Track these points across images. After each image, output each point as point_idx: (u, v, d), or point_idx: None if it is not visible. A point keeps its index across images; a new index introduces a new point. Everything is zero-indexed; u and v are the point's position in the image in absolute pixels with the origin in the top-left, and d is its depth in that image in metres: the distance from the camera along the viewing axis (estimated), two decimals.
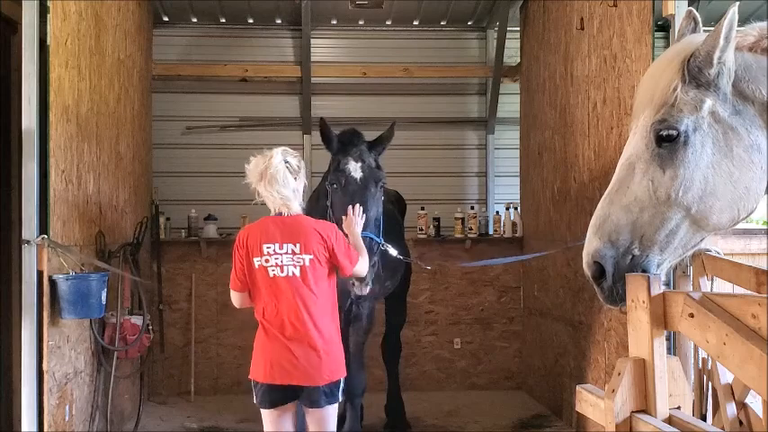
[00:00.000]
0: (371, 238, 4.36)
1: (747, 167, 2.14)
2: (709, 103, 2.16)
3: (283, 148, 3.69)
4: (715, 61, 2.13)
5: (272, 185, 3.57)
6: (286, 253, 3.57)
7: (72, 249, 4.63)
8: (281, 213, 3.64)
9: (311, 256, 3.58)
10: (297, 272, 3.57)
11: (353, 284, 4.16)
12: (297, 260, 3.57)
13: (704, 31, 2.35)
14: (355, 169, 4.55)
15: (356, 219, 4.10)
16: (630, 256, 2.30)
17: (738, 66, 2.13)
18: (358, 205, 4.20)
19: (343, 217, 4.17)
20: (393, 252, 4.63)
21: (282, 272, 3.57)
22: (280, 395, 3.62)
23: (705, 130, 2.17)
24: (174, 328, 7.32)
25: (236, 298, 3.76)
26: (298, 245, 3.58)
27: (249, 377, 3.69)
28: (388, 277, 5.34)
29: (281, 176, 3.57)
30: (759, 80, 2.12)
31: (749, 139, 2.13)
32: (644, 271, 2.32)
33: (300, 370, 3.54)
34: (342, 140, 4.72)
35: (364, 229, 4.26)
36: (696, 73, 2.17)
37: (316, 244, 3.59)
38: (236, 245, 3.70)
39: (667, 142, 2.20)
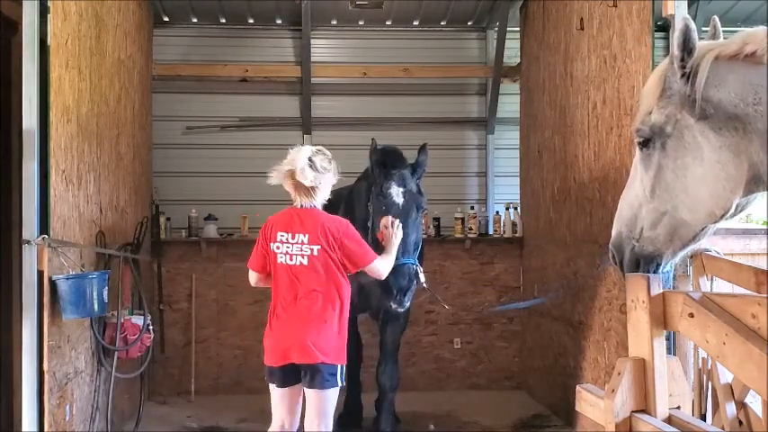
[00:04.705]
0: (411, 264, 4.48)
1: (715, 167, 2.27)
2: (673, 109, 2.33)
3: (317, 148, 3.96)
4: (677, 70, 2.30)
5: (295, 179, 3.82)
6: (296, 243, 3.84)
7: (73, 249, 4.63)
8: (302, 206, 3.90)
9: (319, 247, 3.82)
10: (305, 261, 3.83)
11: (391, 305, 4.53)
12: (305, 250, 3.82)
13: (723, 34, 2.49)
14: (398, 194, 4.61)
15: (394, 232, 4.27)
16: (632, 246, 2.48)
17: (709, 72, 2.24)
18: (397, 221, 4.33)
19: (381, 229, 4.32)
20: (422, 278, 4.69)
21: (291, 260, 3.84)
22: (283, 375, 3.88)
23: (673, 135, 2.33)
24: (174, 328, 7.32)
25: (252, 277, 4.10)
26: (307, 235, 3.83)
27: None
28: None
29: (304, 173, 3.80)
30: (729, 84, 2.23)
31: (718, 140, 2.26)
32: (645, 261, 2.46)
33: (298, 349, 3.78)
34: (384, 162, 4.75)
35: (404, 254, 4.48)
36: (668, 82, 2.34)
37: (324, 236, 3.82)
38: (262, 228, 4.03)
39: (645, 146, 2.40)
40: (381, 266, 4.06)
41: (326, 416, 3.86)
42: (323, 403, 3.84)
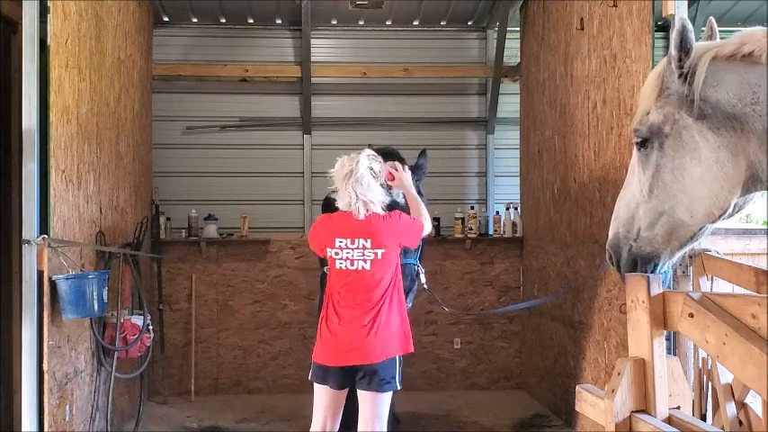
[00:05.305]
0: (413, 264, 4.44)
1: (713, 167, 2.28)
2: (671, 109, 2.33)
3: (368, 153, 3.96)
4: (675, 70, 2.30)
5: (355, 189, 3.82)
6: (357, 248, 3.81)
7: (72, 248, 4.62)
8: (358, 212, 3.85)
9: (383, 250, 3.80)
10: (367, 266, 3.79)
11: None
12: (368, 254, 3.79)
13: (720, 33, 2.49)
14: (398, 195, 4.58)
15: (402, 174, 4.23)
16: (629, 247, 2.48)
17: (707, 73, 2.25)
18: (398, 164, 4.29)
19: (389, 176, 4.27)
20: (423, 279, 4.66)
21: (352, 265, 3.80)
22: (339, 377, 3.85)
23: (671, 135, 2.34)
24: (174, 328, 7.32)
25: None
26: (369, 240, 3.80)
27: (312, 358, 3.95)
28: None
29: (365, 181, 3.83)
30: (727, 84, 2.24)
31: (716, 140, 2.27)
32: (643, 261, 2.46)
33: (360, 351, 3.75)
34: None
35: (405, 255, 4.43)
36: (666, 82, 2.34)
37: (387, 236, 3.81)
38: (311, 235, 4.05)
39: (643, 147, 2.40)
40: (427, 224, 4.09)
41: (382, 418, 3.83)
42: (378, 406, 3.80)
